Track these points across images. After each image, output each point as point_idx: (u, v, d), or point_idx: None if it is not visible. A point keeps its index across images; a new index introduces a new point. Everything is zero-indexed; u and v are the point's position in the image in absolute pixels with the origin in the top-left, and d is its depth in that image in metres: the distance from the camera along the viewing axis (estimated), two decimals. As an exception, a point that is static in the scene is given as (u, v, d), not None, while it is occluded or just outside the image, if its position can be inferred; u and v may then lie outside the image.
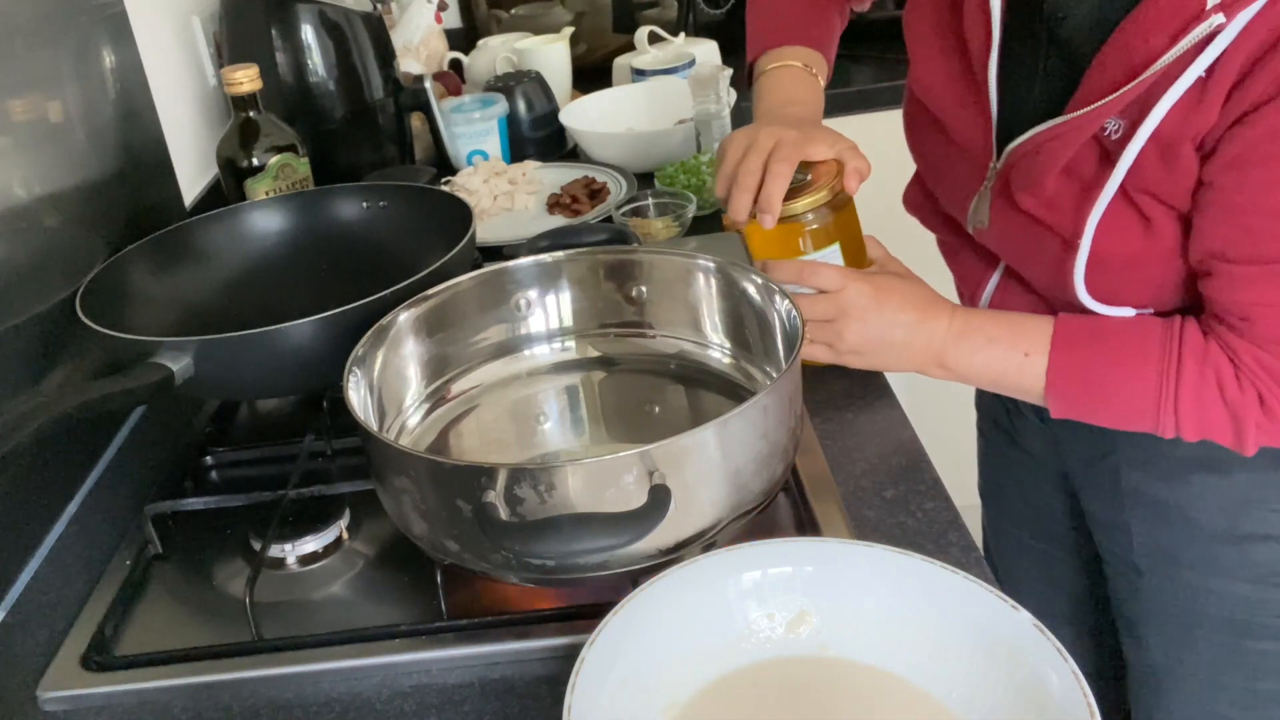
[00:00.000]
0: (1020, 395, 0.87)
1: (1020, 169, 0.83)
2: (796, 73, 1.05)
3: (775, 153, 0.90)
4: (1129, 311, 0.83)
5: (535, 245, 0.94)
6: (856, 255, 0.95)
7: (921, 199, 1.05)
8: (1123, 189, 0.78)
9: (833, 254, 0.94)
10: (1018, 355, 0.84)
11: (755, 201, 0.90)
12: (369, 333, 0.82)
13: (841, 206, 0.94)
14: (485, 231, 1.35)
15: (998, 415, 1.15)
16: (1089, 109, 0.75)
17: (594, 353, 0.94)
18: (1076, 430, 0.96)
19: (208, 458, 0.97)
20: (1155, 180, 0.77)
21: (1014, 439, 1.12)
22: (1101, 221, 0.79)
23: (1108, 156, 0.78)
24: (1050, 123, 0.78)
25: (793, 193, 0.91)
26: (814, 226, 0.93)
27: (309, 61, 1.41)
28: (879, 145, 1.92)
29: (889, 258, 0.97)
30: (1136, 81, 0.72)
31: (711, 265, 0.89)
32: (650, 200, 1.31)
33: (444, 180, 1.46)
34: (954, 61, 0.88)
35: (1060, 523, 1.11)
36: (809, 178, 0.92)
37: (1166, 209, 0.78)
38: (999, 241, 0.91)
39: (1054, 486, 1.09)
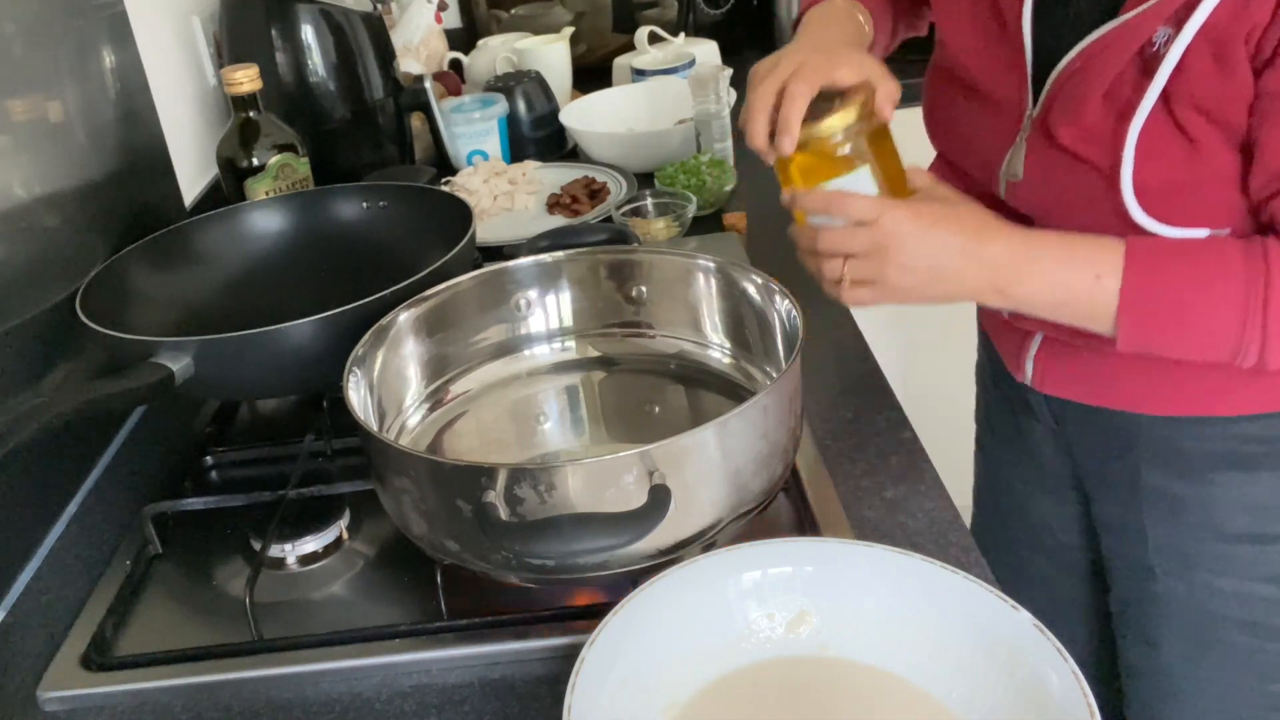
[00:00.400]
0: (1086, 323, 0.79)
1: (1061, 100, 0.80)
2: (839, 9, 0.97)
3: (795, 75, 0.82)
4: (1199, 233, 0.77)
5: (535, 245, 0.94)
6: (896, 184, 0.84)
7: (941, 173, 0.99)
8: (1166, 105, 0.74)
9: (863, 179, 0.83)
10: (1088, 277, 0.76)
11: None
12: (369, 333, 0.82)
13: (874, 131, 0.84)
14: (485, 231, 1.35)
15: (1000, 425, 1.11)
16: (1139, 9, 0.72)
17: (594, 353, 0.94)
18: (1092, 428, 0.95)
19: (208, 458, 0.97)
20: (1205, 90, 0.72)
21: (1019, 449, 1.09)
22: (1141, 142, 0.75)
23: (1150, 77, 0.74)
24: (1097, 32, 0.76)
25: (819, 116, 0.82)
26: (844, 150, 0.83)
27: (309, 61, 1.41)
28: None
29: (935, 183, 0.85)
30: None
31: (711, 265, 0.89)
32: (650, 200, 1.31)
33: (444, 180, 1.46)
34: (984, 18, 0.86)
35: (1057, 538, 1.09)
36: (836, 104, 0.83)
37: (1215, 128, 0.73)
38: (1033, 192, 0.86)
39: (1055, 499, 1.07)
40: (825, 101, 0.83)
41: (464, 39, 2.11)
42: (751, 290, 0.85)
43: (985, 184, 0.91)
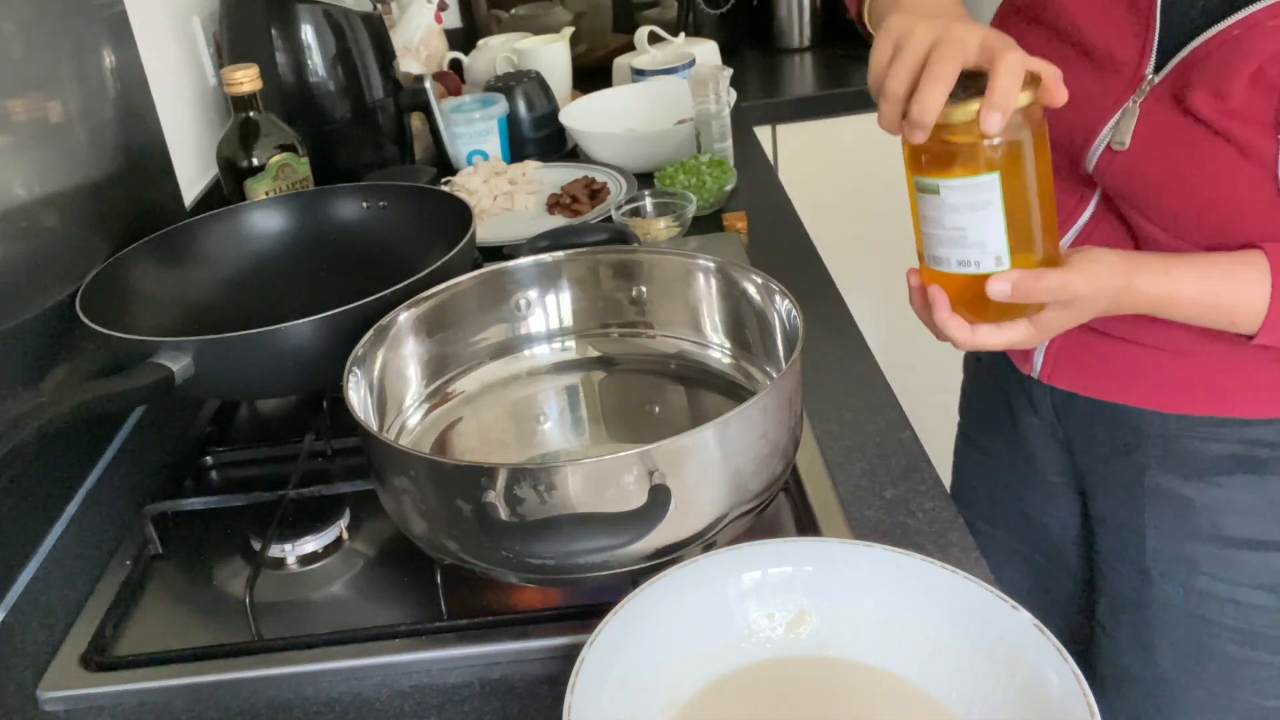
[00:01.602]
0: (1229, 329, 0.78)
1: (1204, 69, 0.75)
2: None
3: (938, 48, 0.68)
4: None
5: (535, 245, 0.94)
6: (1045, 193, 0.71)
7: None
8: None
9: (990, 185, 0.69)
10: (1223, 319, 0.76)
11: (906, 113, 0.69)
12: (369, 333, 0.82)
13: (1036, 124, 0.69)
14: (485, 231, 1.35)
15: (992, 418, 1.09)
16: None
17: (594, 353, 0.94)
18: (1094, 426, 0.94)
19: (208, 458, 0.97)
20: None
21: (1010, 442, 1.07)
22: None
23: None
24: (1252, 8, 0.71)
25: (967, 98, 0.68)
26: (993, 143, 0.68)
27: (309, 61, 1.41)
28: (882, 146, 1.92)
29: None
30: None
31: (711, 265, 0.89)
32: (650, 200, 1.31)
33: (444, 180, 1.46)
34: None
35: (1047, 532, 1.07)
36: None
37: None
38: (1141, 162, 0.80)
39: (1044, 495, 1.05)
40: (966, 80, 0.68)
41: (464, 39, 2.11)
42: (751, 290, 0.85)
43: (1067, 147, 0.84)
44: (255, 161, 1.20)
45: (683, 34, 1.91)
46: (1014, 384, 1.02)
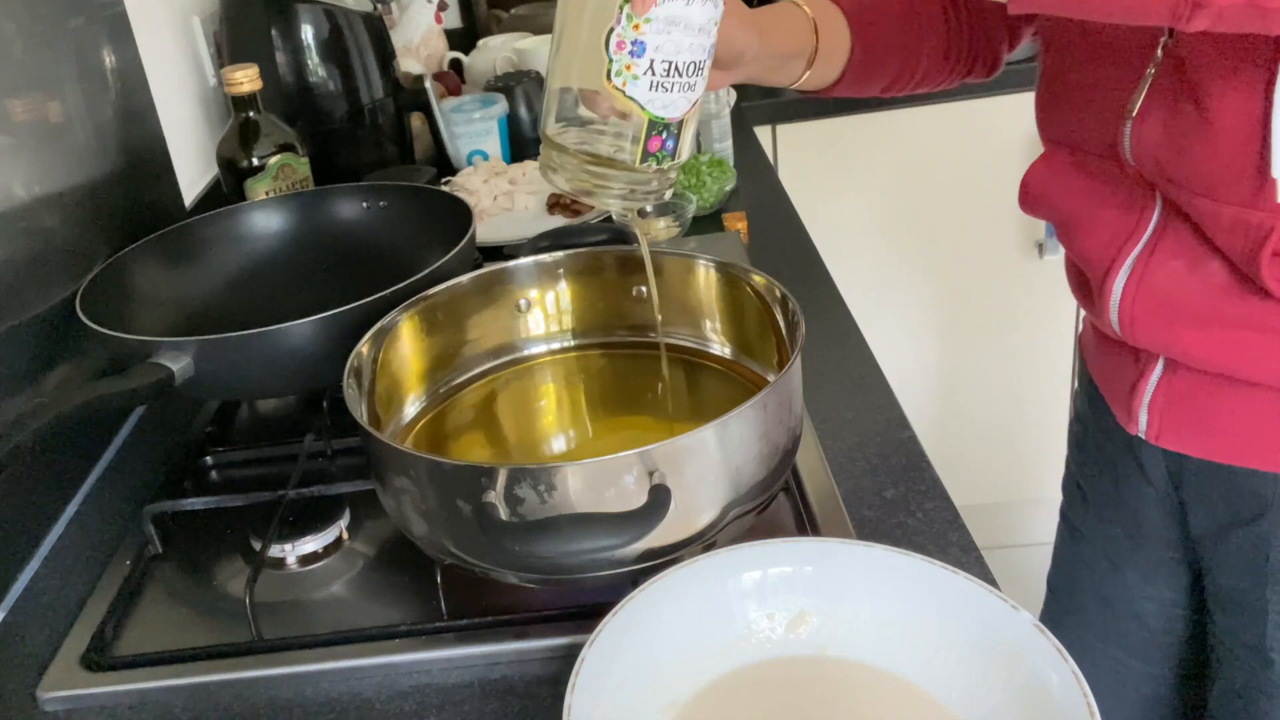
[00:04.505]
0: None
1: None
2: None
3: None
4: None
5: (535, 245, 0.94)
6: None
7: (1052, 171, 0.86)
8: None
9: None
10: None
11: None
12: (369, 333, 0.82)
13: None
14: (485, 231, 1.35)
15: (1097, 492, 0.98)
16: None
17: (594, 353, 0.94)
18: (1214, 490, 0.85)
19: (208, 458, 0.97)
20: None
21: (1116, 519, 0.96)
22: None
23: None
24: None
25: None
26: None
27: (309, 61, 1.41)
28: (882, 146, 1.92)
29: None
30: None
31: (711, 265, 0.89)
32: (650, 200, 1.30)
33: (444, 180, 1.46)
34: None
35: (1147, 625, 0.98)
36: None
37: None
38: (1151, 124, 0.74)
39: (1145, 577, 0.96)
40: None
41: (464, 39, 2.11)
42: (751, 290, 0.85)
43: (1102, 136, 0.78)
44: (255, 161, 1.20)
45: (683, 34, 1.91)
46: (1123, 451, 0.93)
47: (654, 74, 0.64)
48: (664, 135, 0.66)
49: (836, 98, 0.91)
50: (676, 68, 0.64)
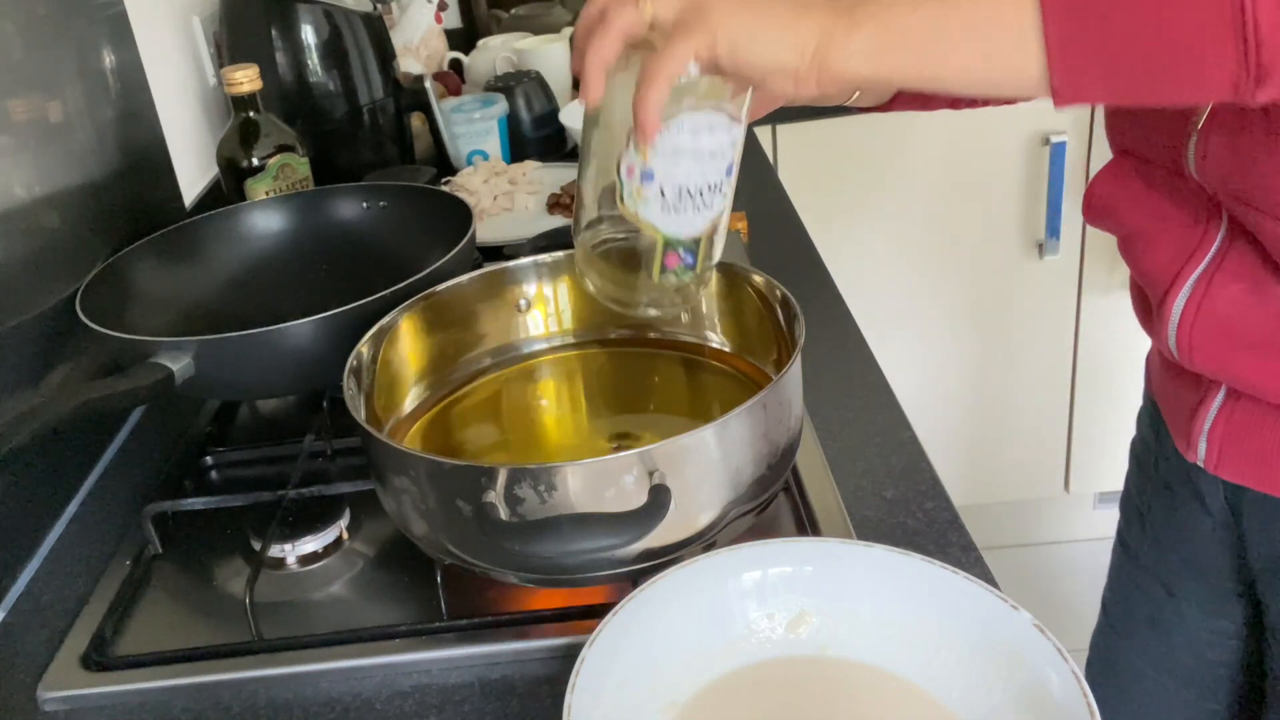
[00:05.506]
0: (985, 70, 0.57)
1: None
2: None
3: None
4: None
5: (535, 245, 0.94)
6: None
7: (1119, 182, 0.82)
8: None
9: None
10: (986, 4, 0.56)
11: None
12: (369, 333, 0.82)
13: None
14: (485, 231, 1.34)
15: (1155, 517, 0.95)
16: None
17: (594, 352, 0.94)
18: (1272, 525, 0.82)
19: (208, 458, 0.97)
20: None
21: (1173, 547, 0.93)
22: None
23: None
24: None
25: None
26: None
27: (309, 61, 1.41)
28: (882, 146, 1.92)
29: None
30: None
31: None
32: (650, 200, 1.30)
33: (444, 180, 1.46)
34: None
35: (1203, 657, 0.95)
36: None
37: None
38: (1219, 138, 0.70)
39: (1203, 609, 0.93)
40: None
41: (464, 39, 2.11)
42: (751, 290, 0.85)
43: (1170, 154, 0.75)
44: (255, 161, 1.20)
45: (683, 34, 1.91)
46: (1182, 478, 0.90)
47: (664, 198, 0.65)
48: (680, 251, 0.68)
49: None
50: (688, 191, 0.65)
